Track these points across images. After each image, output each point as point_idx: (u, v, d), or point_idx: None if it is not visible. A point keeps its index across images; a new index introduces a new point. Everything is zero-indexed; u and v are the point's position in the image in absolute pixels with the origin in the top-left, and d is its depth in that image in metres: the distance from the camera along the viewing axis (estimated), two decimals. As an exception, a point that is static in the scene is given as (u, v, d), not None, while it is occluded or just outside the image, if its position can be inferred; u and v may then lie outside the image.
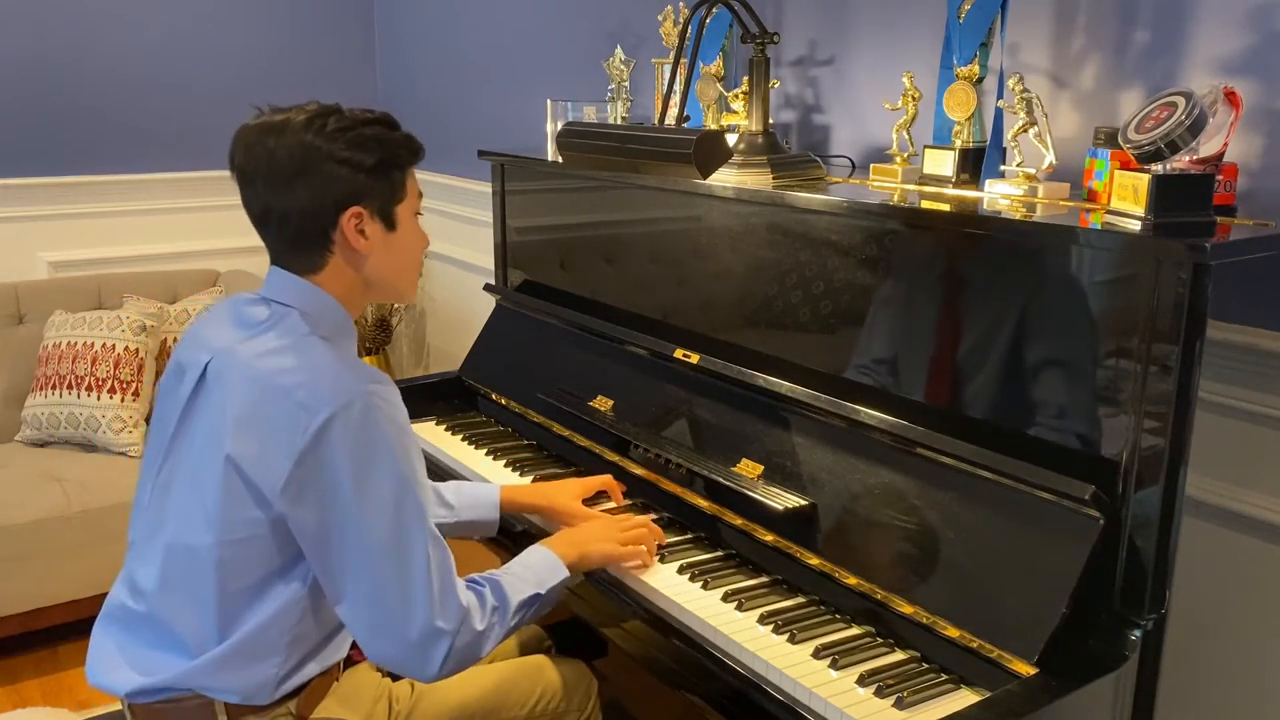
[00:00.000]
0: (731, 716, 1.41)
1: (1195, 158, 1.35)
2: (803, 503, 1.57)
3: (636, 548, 1.62)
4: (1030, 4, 1.75)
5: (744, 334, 1.85)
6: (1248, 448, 1.45)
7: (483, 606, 1.41)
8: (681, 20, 2.10)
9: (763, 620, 1.48)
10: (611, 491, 1.86)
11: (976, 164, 1.69)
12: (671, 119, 1.90)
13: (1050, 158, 1.56)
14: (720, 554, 1.68)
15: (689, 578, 1.60)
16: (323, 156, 1.35)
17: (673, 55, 2.00)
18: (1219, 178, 1.40)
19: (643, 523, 1.67)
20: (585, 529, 1.66)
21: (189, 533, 1.37)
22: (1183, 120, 1.26)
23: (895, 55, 1.97)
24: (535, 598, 1.48)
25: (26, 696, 2.63)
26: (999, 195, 1.59)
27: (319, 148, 1.36)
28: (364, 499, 1.31)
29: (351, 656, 1.59)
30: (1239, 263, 1.26)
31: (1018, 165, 1.59)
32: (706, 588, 1.57)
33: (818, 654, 1.40)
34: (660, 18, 2.21)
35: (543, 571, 1.52)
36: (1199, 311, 1.22)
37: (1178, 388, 1.24)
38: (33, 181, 3.42)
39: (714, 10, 1.98)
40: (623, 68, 2.38)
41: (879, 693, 1.31)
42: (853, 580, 1.48)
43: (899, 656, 1.41)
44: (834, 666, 1.37)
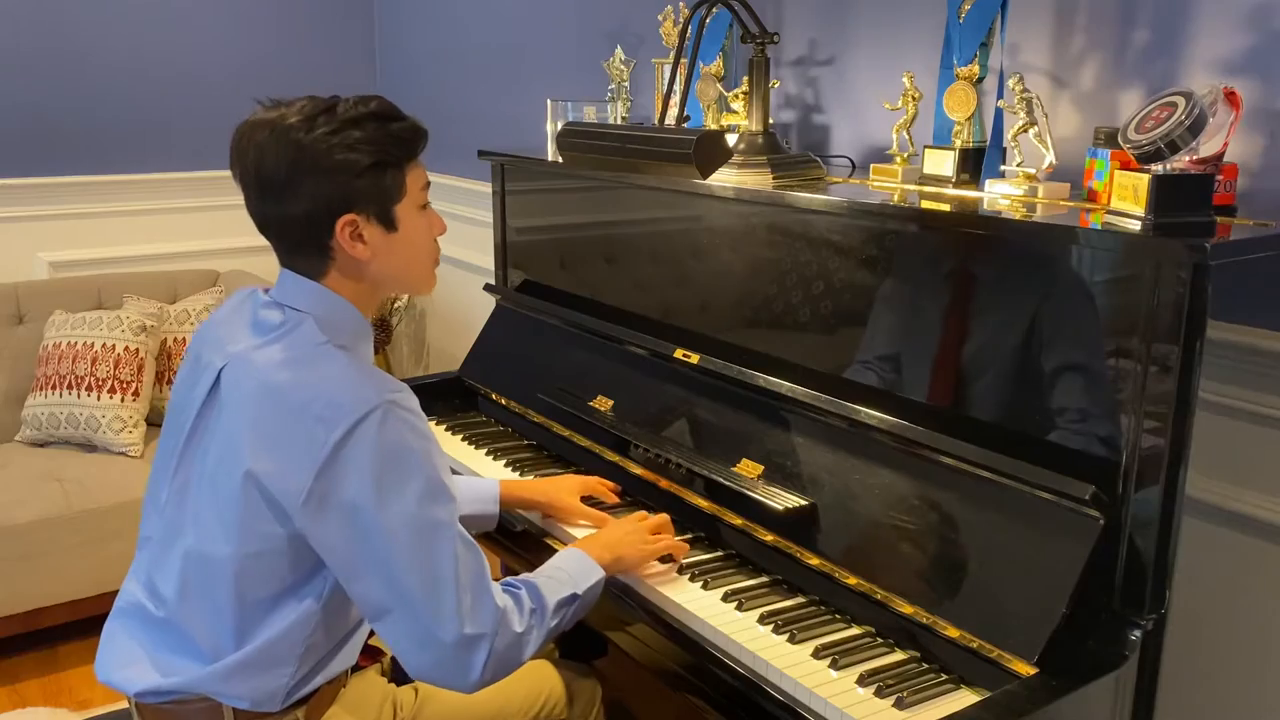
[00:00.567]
0: (731, 716, 1.41)
1: (1195, 158, 1.35)
2: (803, 503, 1.57)
3: (667, 545, 1.62)
4: (1030, 4, 1.75)
5: (744, 334, 1.85)
6: (1248, 448, 1.45)
7: (520, 609, 1.39)
8: (681, 20, 2.10)
9: (763, 620, 1.48)
10: (602, 495, 1.85)
11: (976, 164, 1.69)
12: (671, 119, 1.90)
13: (1050, 158, 1.56)
14: (720, 554, 1.68)
15: (689, 578, 1.60)
16: (311, 164, 1.31)
17: (673, 55, 2.00)
18: (1219, 178, 1.40)
19: (665, 523, 1.67)
20: (614, 532, 1.63)
21: (208, 542, 1.35)
22: (1183, 120, 1.26)
23: (895, 55, 1.97)
24: (573, 598, 1.47)
25: (26, 696, 2.63)
26: (999, 195, 1.59)
27: (307, 152, 1.31)
28: (386, 510, 1.28)
29: (359, 663, 1.59)
30: (1239, 263, 1.26)
31: (1018, 165, 1.59)
32: (706, 588, 1.57)
33: (818, 654, 1.40)
34: (660, 18, 2.21)
35: (578, 573, 1.51)
36: (1199, 311, 1.22)
37: (1178, 388, 1.24)
38: (33, 181, 3.42)
39: (714, 10, 1.98)
40: (623, 68, 2.38)
41: (879, 693, 1.31)
42: (853, 580, 1.48)
43: (899, 656, 1.41)
44: (834, 666, 1.37)
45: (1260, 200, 1.49)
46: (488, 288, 2.53)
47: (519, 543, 1.83)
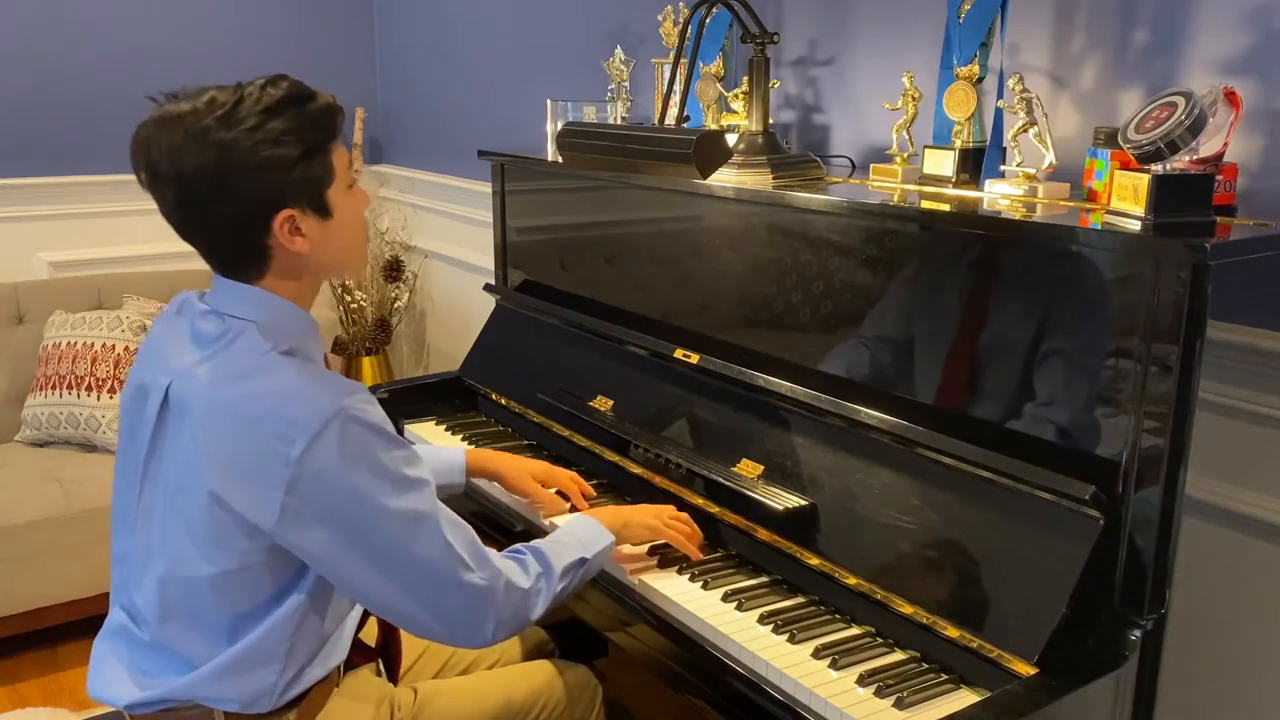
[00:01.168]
0: (731, 716, 1.41)
1: (1195, 158, 1.35)
2: (803, 503, 1.57)
3: (677, 533, 1.64)
4: (1030, 4, 1.75)
5: (744, 334, 1.85)
6: (1248, 448, 1.45)
7: (525, 569, 1.43)
8: (681, 20, 2.10)
9: (763, 620, 1.48)
10: (574, 496, 1.86)
11: (976, 164, 1.69)
12: (671, 119, 1.90)
13: (1050, 158, 1.56)
14: (720, 554, 1.68)
15: (689, 578, 1.60)
16: (238, 164, 1.24)
17: (673, 55, 2.00)
18: (1219, 178, 1.40)
19: (684, 516, 1.70)
20: (626, 506, 1.69)
21: (183, 565, 1.33)
22: (1183, 120, 1.26)
23: (895, 55, 1.97)
24: (581, 561, 1.51)
25: (26, 696, 2.63)
26: (999, 195, 1.59)
27: (232, 152, 1.24)
28: (365, 510, 1.28)
29: (353, 660, 1.59)
30: (1239, 263, 1.26)
31: (1018, 165, 1.59)
32: (706, 588, 1.57)
33: (818, 654, 1.40)
34: (660, 18, 2.21)
35: (586, 537, 1.55)
36: (1199, 311, 1.22)
37: (1178, 388, 1.24)
38: (33, 181, 3.42)
39: (714, 10, 1.98)
40: (623, 68, 2.38)
41: (879, 693, 1.31)
42: (853, 580, 1.48)
43: (899, 656, 1.41)
44: (834, 666, 1.37)
45: (1260, 200, 1.49)
46: (488, 288, 2.53)
47: (517, 542, 1.83)
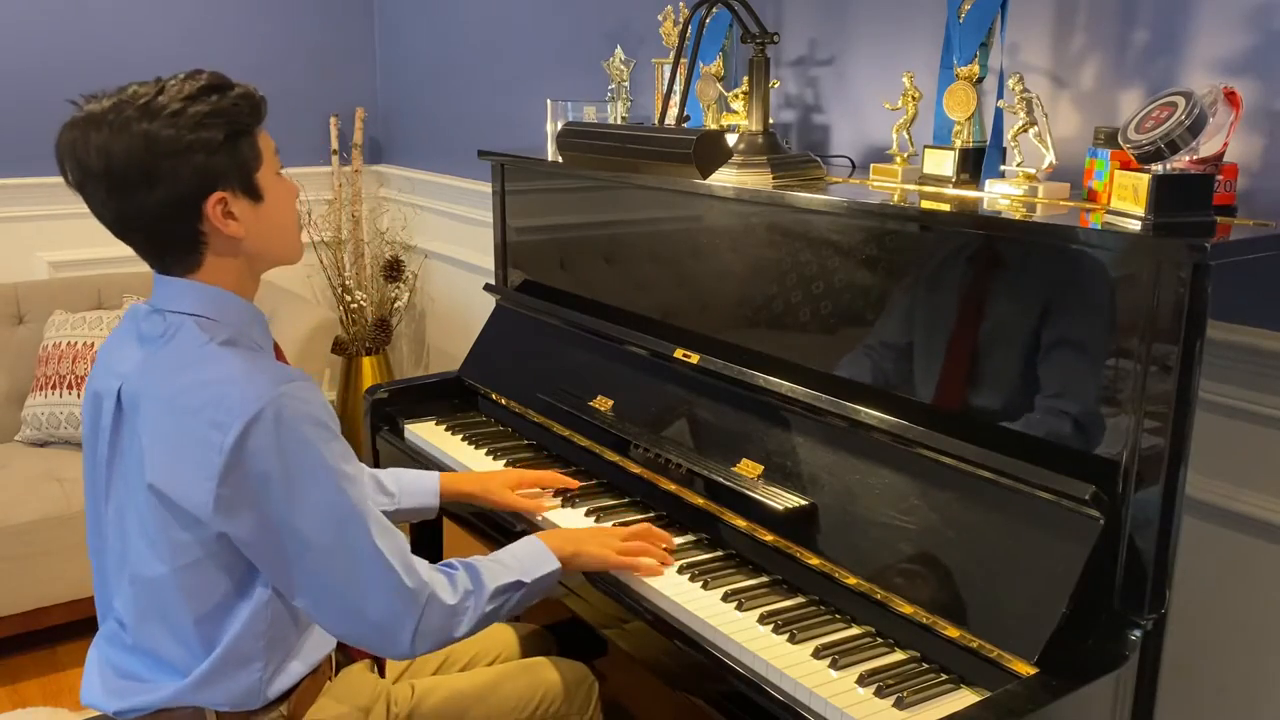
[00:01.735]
0: (731, 716, 1.41)
1: (1195, 158, 1.35)
2: (803, 503, 1.57)
3: (634, 559, 1.60)
4: (1030, 4, 1.75)
5: (744, 334, 1.85)
6: (1248, 448, 1.45)
7: (453, 585, 1.41)
8: (681, 20, 2.10)
9: (763, 620, 1.48)
10: (554, 482, 1.88)
11: (976, 164, 1.69)
12: (671, 119, 1.90)
13: (1050, 158, 1.56)
14: (720, 554, 1.68)
15: (689, 578, 1.60)
16: (166, 148, 1.25)
17: (673, 55, 2.00)
18: (1219, 178, 1.40)
19: (642, 531, 1.66)
20: (584, 530, 1.65)
21: (144, 565, 1.35)
22: (1183, 120, 1.26)
23: (895, 55, 1.97)
24: (517, 585, 1.47)
25: (26, 696, 2.63)
26: (999, 195, 1.59)
27: (158, 139, 1.24)
28: (295, 500, 1.28)
29: (350, 655, 1.59)
30: (1239, 263, 1.26)
31: (1018, 165, 1.59)
32: (706, 588, 1.57)
33: (818, 654, 1.40)
34: (660, 18, 2.21)
35: (528, 561, 1.51)
36: (1199, 311, 1.22)
37: (1178, 388, 1.24)
38: (33, 181, 3.42)
39: (714, 10, 1.98)
40: (623, 68, 2.38)
41: (879, 693, 1.31)
42: (853, 580, 1.48)
43: (899, 656, 1.41)
44: (834, 666, 1.37)
45: (1260, 200, 1.49)
46: (488, 288, 2.53)
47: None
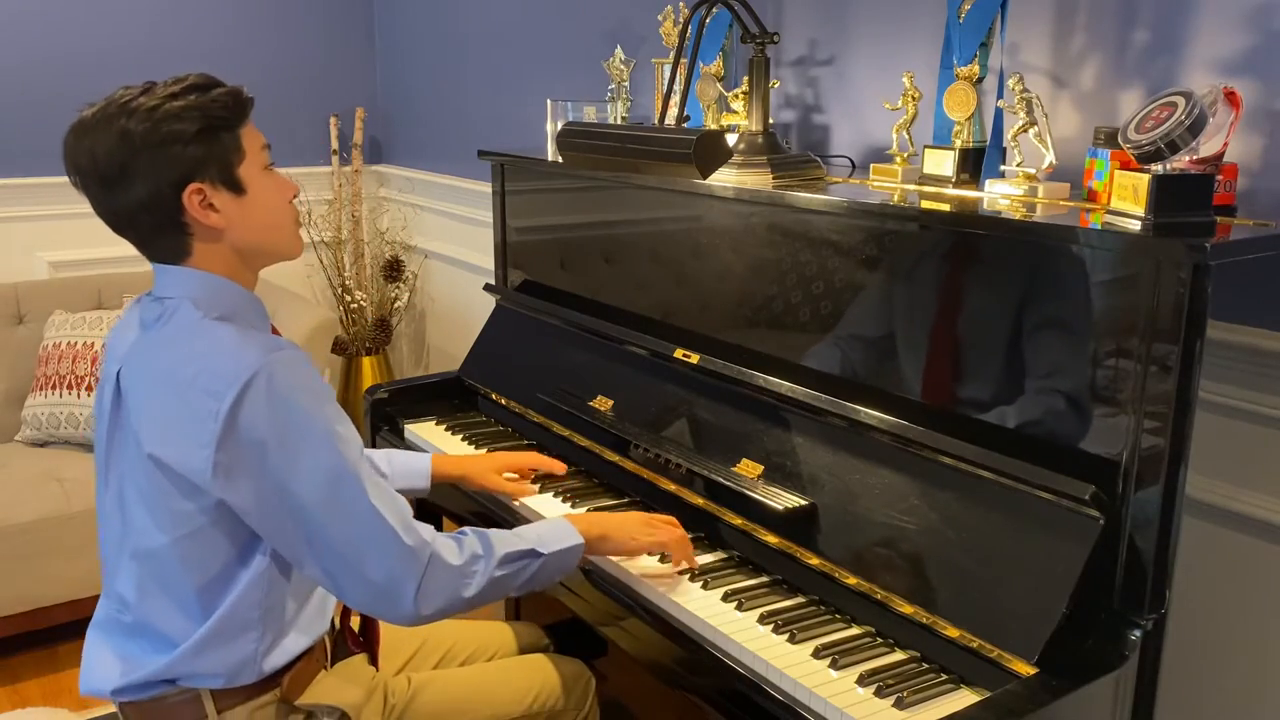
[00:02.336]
0: (731, 716, 1.41)
1: (1195, 158, 1.35)
2: (803, 503, 1.57)
3: (664, 540, 1.60)
4: (1030, 4, 1.75)
5: (744, 334, 1.85)
6: (1248, 448, 1.45)
7: (459, 547, 1.41)
8: (681, 20, 2.10)
9: (763, 620, 1.48)
10: (545, 466, 1.92)
11: (976, 164, 1.69)
12: (671, 119, 1.90)
13: (1050, 158, 1.56)
14: (720, 554, 1.68)
15: (689, 578, 1.60)
16: (140, 143, 1.30)
17: (673, 55, 2.00)
18: (1219, 178, 1.40)
19: (670, 521, 1.65)
20: (614, 515, 1.65)
21: (145, 537, 1.38)
22: (1183, 120, 1.26)
23: (895, 55, 1.97)
24: (531, 553, 1.47)
25: (26, 696, 2.63)
26: (999, 195, 1.59)
27: (133, 134, 1.30)
28: (291, 463, 1.31)
29: (349, 648, 1.60)
30: (1239, 263, 1.26)
31: (1018, 165, 1.59)
32: (706, 587, 1.57)
33: (818, 654, 1.40)
34: (660, 18, 2.21)
35: (548, 534, 1.51)
36: (1199, 311, 1.22)
37: (1178, 388, 1.24)
38: (33, 181, 3.42)
39: (714, 10, 1.98)
40: (623, 68, 2.38)
41: (879, 693, 1.31)
42: (853, 580, 1.48)
43: (899, 656, 1.41)
44: (834, 666, 1.37)
45: (1260, 200, 1.49)
46: (488, 288, 2.53)
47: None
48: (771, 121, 1.95)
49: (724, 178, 1.82)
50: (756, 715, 1.36)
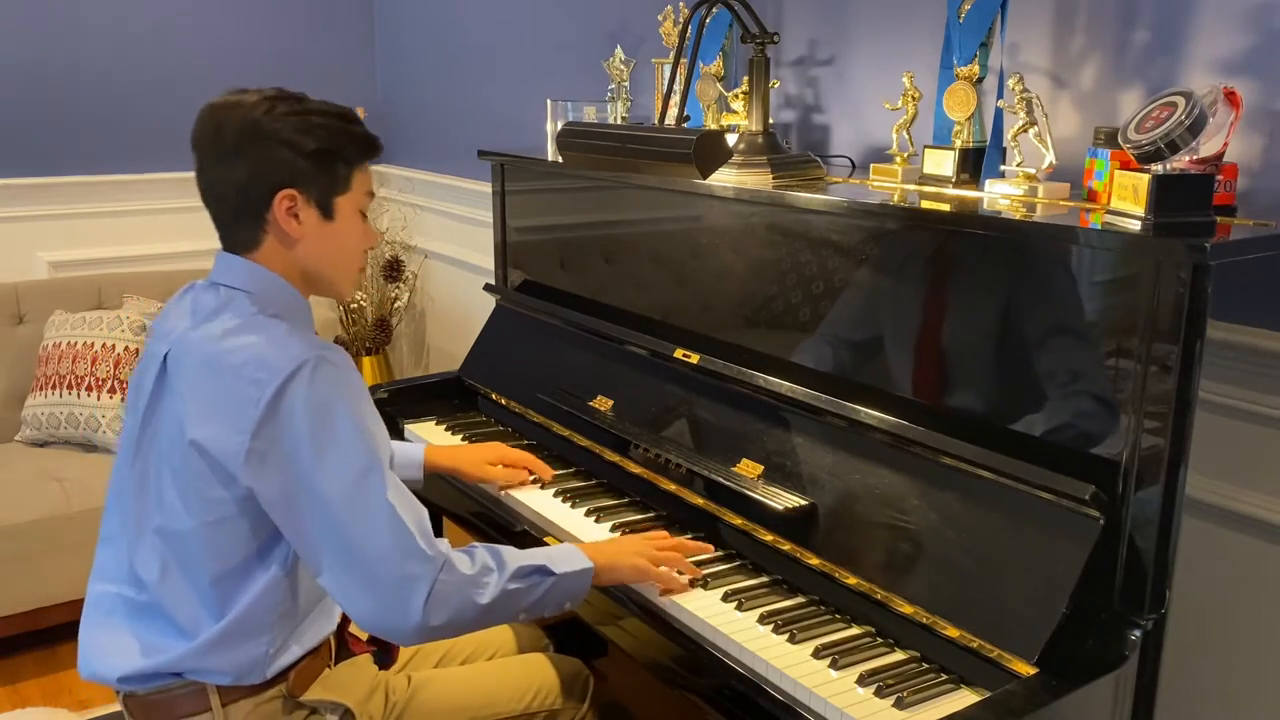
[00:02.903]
0: (731, 716, 1.41)
1: (1195, 158, 1.35)
2: (803, 502, 1.57)
3: (670, 572, 1.57)
4: (1030, 4, 1.75)
5: (744, 334, 1.85)
6: (1248, 448, 1.45)
7: (471, 558, 1.41)
8: (681, 20, 2.10)
9: (763, 620, 1.48)
10: (537, 468, 1.92)
11: (976, 164, 1.69)
12: (671, 119, 1.90)
13: (1050, 158, 1.56)
14: (720, 554, 1.68)
15: (689, 578, 1.60)
16: (264, 135, 1.36)
17: (673, 55, 2.00)
18: (1219, 178, 1.40)
19: (675, 544, 1.62)
20: (619, 541, 1.63)
21: (174, 519, 1.39)
22: (1183, 120, 1.26)
23: (895, 55, 1.97)
24: (542, 570, 1.45)
25: (26, 696, 2.63)
26: (999, 195, 1.59)
27: (262, 126, 1.36)
28: (322, 457, 1.32)
29: (350, 649, 1.60)
30: (1239, 263, 1.26)
31: (1018, 165, 1.59)
32: (706, 588, 1.57)
33: (818, 654, 1.40)
34: (660, 18, 2.21)
35: (558, 556, 1.50)
36: (1199, 311, 1.22)
37: (1178, 388, 1.24)
38: (33, 181, 3.42)
39: (714, 10, 1.98)
40: (623, 68, 2.38)
41: (879, 692, 1.31)
42: (853, 580, 1.48)
43: (899, 656, 1.41)
44: (834, 666, 1.37)
45: (1260, 200, 1.49)
46: (488, 288, 2.53)
47: (517, 543, 1.83)
48: (771, 121, 1.95)
49: (724, 178, 1.82)
50: (756, 715, 1.36)
